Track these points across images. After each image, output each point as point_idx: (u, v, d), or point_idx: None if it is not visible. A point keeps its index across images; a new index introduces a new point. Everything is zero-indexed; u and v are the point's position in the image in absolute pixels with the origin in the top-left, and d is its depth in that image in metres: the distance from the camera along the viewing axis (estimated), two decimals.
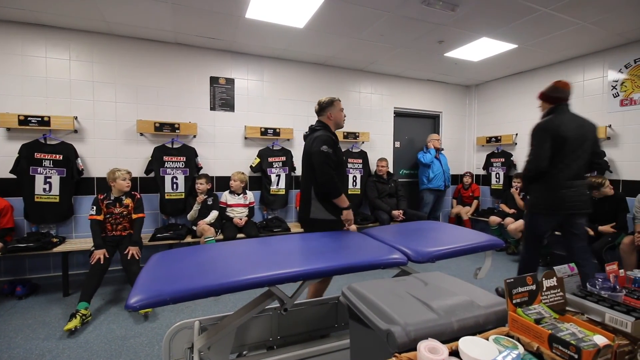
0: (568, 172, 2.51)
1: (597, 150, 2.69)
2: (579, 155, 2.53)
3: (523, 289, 0.99)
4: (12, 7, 2.99)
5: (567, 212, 2.54)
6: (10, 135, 3.31)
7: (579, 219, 2.59)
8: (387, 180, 4.68)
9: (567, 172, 2.51)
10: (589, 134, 2.58)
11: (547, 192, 2.58)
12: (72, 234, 3.56)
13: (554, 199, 2.54)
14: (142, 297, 1.15)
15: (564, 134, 2.48)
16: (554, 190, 2.54)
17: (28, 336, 2.41)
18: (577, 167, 2.53)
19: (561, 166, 2.52)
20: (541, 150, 2.54)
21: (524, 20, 3.17)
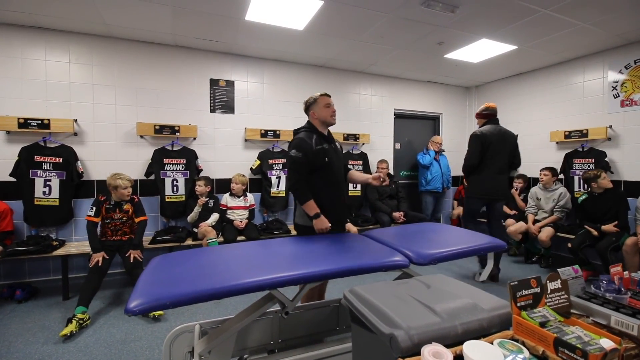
0: (492, 168, 3.42)
1: (515, 153, 3.56)
2: (501, 157, 3.43)
3: (527, 292, 0.98)
4: (11, 10, 2.99)
5: (490, 197, 3.49)
6: (10, 138, 3.30)
7: (497, 204, 3.56)
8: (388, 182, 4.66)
9: (491, 168, 3.42)
10: (508, 141, 3.49)
11: (478, 182, 3.50)
12: (72, 237, 3.55)
13: (481, 188, 3.48)
14: (141, 301, 1.14)
15: (489, 141, 3.39)
16: (482, 181, 3.47)
17: (27, 340, 2.40)
18: (499, 165, 3.44)
19: (487, 163, 3.42)
20: (473, 152, 3.45)
21: (524, 21, 3.17)
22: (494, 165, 3.41)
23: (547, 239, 3.84)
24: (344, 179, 2.37)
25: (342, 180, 2.35)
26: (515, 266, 4.15)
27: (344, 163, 2.43)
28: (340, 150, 2.43)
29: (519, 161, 3.65)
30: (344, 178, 2.37)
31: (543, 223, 3.98)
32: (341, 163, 2.34)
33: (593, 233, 3.48)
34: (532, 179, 4.69)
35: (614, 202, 3.47)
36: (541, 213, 4.15)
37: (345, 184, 2.40)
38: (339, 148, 2.39)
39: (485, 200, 3.54)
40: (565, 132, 4.25)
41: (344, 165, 2.40)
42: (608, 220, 3.46)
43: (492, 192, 3.47)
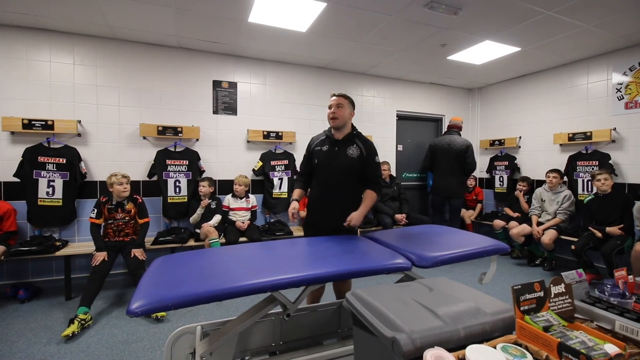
0: (441, 171, 4.39)
1: (464, 159, 4.26)
2: (446, 162, 4.31)
3: (531, 296, 0.97)
4: (16, 12, 3.02)
5: (444, 194, 4.40)
6: (14, 139, 3.33)
7: (452, 200, 4.37)
8: (389, 183, 4.66)
9: (440, 171, 4.40)
10: (453, 149, 4.29)
11: (434, 182, 4.53)
12: (75, 237, 3.56)
13: (435, 186, 4.49)
14: (143, 302, 1.14)
15: (437, 149, 4.43)
16: (435, 181, 4.49)
17: (30, 340, 2.40)
18: (446, 169, 4.33)
19: (436, 167, 4.45)
20: (425, 157, 4.66)
21: (527, 23, 3.16)
22: (441, 168, 4.37)
23: (550, 242, 3.81)
24: (338, 185, 2.19)
25: (333, 185, 2.19)
26: (518, 269, 4.13)
27: (353, 171, 2.19)
28: (352, 157, 2.17)
29: (469, 167, 4.27)
30: (339, 184, 2.19)
31: (546, 226, 3.96)
32: (338, 169, 2.18)
33: (597, 235, 3.45)
34: (536, 181, 4.67)
35: (620, 204, 3.44)
36: (544, 215, 4.13)
37: (340, 191, 2.19)
38: (351, 155, 2.17)
39: (441, 196, 4.44)
40: (569, 134, 4.22)
41: (356, 175, 2.19)
42: (613, 223, 3.43)
43: (444, 190, 4.36)
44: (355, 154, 2.17)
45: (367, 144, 2.22)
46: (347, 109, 2.20)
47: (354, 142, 2.21)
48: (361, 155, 2.18)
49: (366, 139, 2.27)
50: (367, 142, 2.24)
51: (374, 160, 2.21)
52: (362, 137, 2.26)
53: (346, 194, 2.20)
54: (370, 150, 2.21)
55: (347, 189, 2.21)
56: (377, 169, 2.23)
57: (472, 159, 4.27)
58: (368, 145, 2.22)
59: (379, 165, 2.26)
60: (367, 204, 2.17)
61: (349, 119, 2.23)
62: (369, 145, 2.23)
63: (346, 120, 2.20)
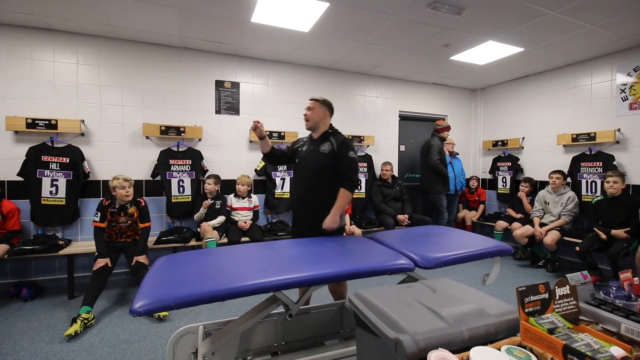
0: (422, 170, 4.86)
1: (427, 156, 4.60)
2: (423, 161, 4.73)
3: (535, 298, 0.97)
4: (21, 11, 3.03)
5: (423, 191, 4.85)
6: (18, 138, 3.34)
7: (429, 195, 4.67)
8: (392, 184, 4.66)
9: (421, 170, 4.88)
10: (425, 147, 4.70)
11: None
12: (78, 236, 3.57)
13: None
14: (146, 301, 1.14)
15: (422, 150, 4.82)
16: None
17: (33, 339, 2.41)
18: (423, 167, 4.74)
19: (421, 167, 4.90)
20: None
21: (531, 23, 3.14)
22: (422, 167, 4.82)
23: (553, 243, 3.79)
24: (313, 183, 2.22)
25: (309, 182, 2.25)
26: (520, 270, 4.11)
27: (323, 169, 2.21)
28: (324, 153, 2.21)
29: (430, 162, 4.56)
30: (313, 181, 2.23)
31: (550, 227, 3.94)
32: (312, 166, 2.24)
33: (602, 237, 3.43)
34: (539, 182, 4.65)
35: (628, 207, 3.41)
36: (548, 217, 4.11)
37: (314, 188, 2.22)
38: (323, 151, 2.21)
39: (425, 193, 4.82)
40: (573, 135, 4.20)
41: (330, 171, 2.20)
42: (619, 226, 3.41)
43: (423, 187, 4.80)
44: (327, 149, 2.21)
45: (339, 140, 2.23)
46: (317, 110, 2.28)
47: (328, 139, 2.25)
48: (332, 150, 2.20)
49: (341, 135, 2.28)
50: (341, 138, 2.25)
51: (347, 155, 2.18)
52: (337, 134, 2.28)
53: (321, 190, 2.20)
54: (342, 145, 2.20)
55: (321, 185, 2.21)
56: (349, 165, 2.18)
57: (430, 155, 4.54)
58: (340, 140, 2.22)
59: (353, 161, 2.20)
60: (339, 203, 2.15)
61: (321, 120, 2.29)
62: (341, 140, 2.22)
63: (317, 121, 2.29)
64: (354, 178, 2.21)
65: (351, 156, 2.19)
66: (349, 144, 2.22)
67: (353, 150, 2.22)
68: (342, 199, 2.16)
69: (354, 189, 2.22)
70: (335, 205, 2.15)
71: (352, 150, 2.21)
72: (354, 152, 2.21)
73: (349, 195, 2.19)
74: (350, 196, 2.20)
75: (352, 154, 2.20)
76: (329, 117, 2.33)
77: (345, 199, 2.18)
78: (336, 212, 2.14)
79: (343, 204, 2.18)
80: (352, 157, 2.20)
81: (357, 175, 2.25)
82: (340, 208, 2.17)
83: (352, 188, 2.19)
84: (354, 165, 2.21)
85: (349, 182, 2.17)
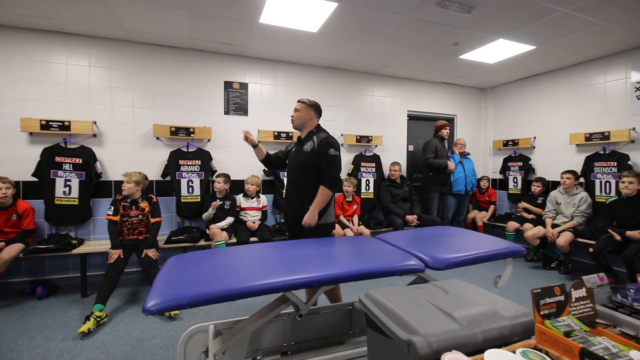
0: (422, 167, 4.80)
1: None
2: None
3: (551, 300, 0.95)
4: (34, 15, 3.10)
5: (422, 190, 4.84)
6: (32, 140, 3.41)
7: (425, 194, 4.72)
8: (400, 184, 4.63)
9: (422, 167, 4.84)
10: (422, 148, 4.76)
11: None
12: (91, 236, 3.64)
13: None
14: (159, 300, 1.16)
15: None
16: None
17: (47, 336, 2.46)
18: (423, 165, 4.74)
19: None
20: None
21: (543, 21, 3.09)
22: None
23: (566, 244, 3.72)
24: (297, 180, 2.30)
25: (293, 180, 2.33)
26: (532, 272, 4.04)
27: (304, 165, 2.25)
28: (306, 151, 2.24)
29: (422, 160, 4.63)
30: (297, 179, 2.30)
31: (562, 228, 3.87)
32: (296, 164, 2.30)
33: (616, 238, 3.35)
34: (551, 182, 4.57)
35: None
36: (560, 218, 4.04)
37: (298, 185, 2.29)
38: (305, 150, 2.25)
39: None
40: (586, 134, 4.12)
41: (312, 169, 2.22)
42: (634, 227, 3.33)
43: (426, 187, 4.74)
44: (309, 148, 2.24)
45: (320, 137, 2.23)
46: (303, 111, 2.33)
47: (311, 138, 2.28)
48: (313, 148, 2.21)
49: (324, 134, 2.28)
50: (323, 136, 2.25)
51: (327, 153, 2.17)
52: (320, 133, 2.29)
53: (303, 188, 2.24)
54: (322, 142, 2.20)
55: (304, 183, 2.25)
56: (329, 162, 2.18)
57: (422, 153, 4.64)
58: (321, 138, 2.23)
59: (333, 158, 2.19)
60: (317, 200, 2.17)
61: (307, 121, 2.33)
62: (322, 138, 2.22)
63: (303, 121, 2.34)
64: (333, 175, 2.19)
65: (331, 154, 2.18)
66: (330, 142, 2.21)
67: (334, 148, 2.20)
68: (320, 196, 2.17)
69: (335, 187, 2.21)
70: (314, 202, 2.17)
71: (333, 147, 2.20)
72: (335, 150, 2.20)
73: (328, 192, 2.18)
74: (329, 194, 2.20)
75: (333, 151, 2.19)
76: (316, 118, 2.37)
77: (323, 196, 2.18)
78: (314, 209, 2.16)
79: (321, 201, 2.18)
80: (333, 154, 2.19)
81: (337, 172, 2.23)
82: (319, 205, 2.17)
83: (331, 185, 2.18)
84: (334, 163, 2.20)
85: (327, 179, 2.18)
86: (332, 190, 2.21)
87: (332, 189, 2.20)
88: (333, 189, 2.21)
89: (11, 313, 2.83)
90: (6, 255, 2.88)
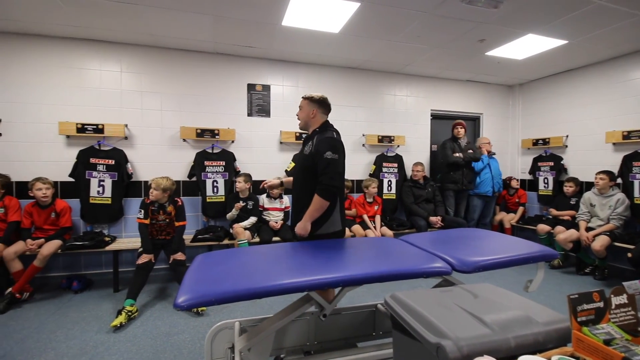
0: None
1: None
2: None
3: (589, 306, 0.91)
4: (70, 24, 3.28)
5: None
6: (69, 142, 3.61)
7: (442, 192, 4.68)
8: (423, 185, 4.55)
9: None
10: None
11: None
12: (122, 233, 3.80)
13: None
14: (189, 296, 1.19)
15: None
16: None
17: (83, 328, 2.60)
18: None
19: None
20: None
21: (576, 14, 2.95)
22: None
23: (602, 249, 3.53)
24: (297, 185, 2.15)
25: (295, 185, 2.18)
26: (565, 277, 3.86)
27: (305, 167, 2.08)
28: (308, 153, 2.06)
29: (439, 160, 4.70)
30: (298, 183, 2.15)
31: (597, 231, 3.67)
32: (298, 167, 2.17)
33: None
34: (585, 183, 4.35)
35: None
36: (595, 220, 3.83)
37: (298, 190, 2.13)
38: (305, 152, 2.09)
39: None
40: (624, 132, 3.89)
41: (313, 174, 2.00)
42: None
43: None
44: (308, 150, 2.05)
45: (319, 139, 2.00)
46: (305, 109, 2.14)
47: (312, 139, 2.07)
48: (312, 150, 2.01)
49: (325, 134, 2.04)
50: (323, 137, 2.01)
51: (323, 156, 1.91)
52: (322, 133, 2.05)
53: (302, 194, 2.06)
54: (320, 144, 1.96)
55: (303, 188, 2.06)
56: (325, 167, 1.91)
57: (440, 152, 4.71)
58: (320, 140, 1.99)
59: (330, 162, 1.92)
60: (309, 210, 1.94)
61: (310, 119, 2.13)
62: (321, 139, 1.99)
63: (306, 120, 2.15)
64: (328, 182, 1.91)
65: (328, 157, 1.91)
66: (330, 143, 1.96)
67: (332, 150, 1.93)
68: (312, 205, 1.93)
69: (329, 195, 1.93)
70: (307, 212, 1.95)
71: (332, 150, 1.92)
72: (333, 153, 1.92)
73: (321, 202, 1.92)
74: (323, 203, 1.93)
75: (330, 154, 1.91)
76: (320, 115, 2.13)
77: (315, 206, 1.93)
78: (306, 219, 1.95)
79: (313, 210, 1.94)
80: (329, 158, 1.91)
81: (334, 179, 1.93)
82: (310, 216, 1.94)
83: (324, 193, 1.91)
84: (330, 168, 1.92)
85: (321, 186, 1.92)
86: (327, 199, 1.93)
87: (326, 198, 1.92)
88: (328, 197, 1.93)
89: (50, 305, 3.01)
90: (46, 251, 3.06)
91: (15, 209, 3.20)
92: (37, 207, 3.27)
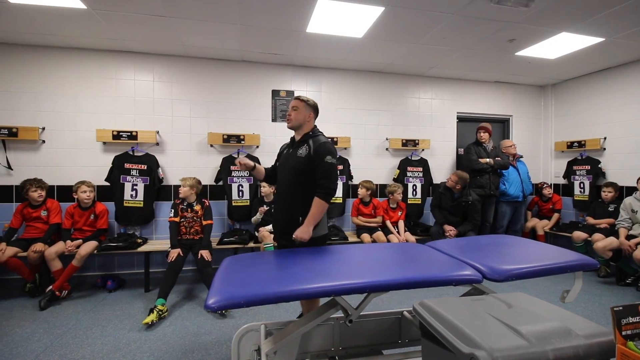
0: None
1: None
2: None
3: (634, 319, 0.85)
4: (107, 37, 3.48)
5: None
6: (105, 148, 3.82)
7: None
8: (457, 196, 4.12)
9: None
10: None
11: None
12: (153, 235, 3.96)
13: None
14: (219, 298, 1.23)
15: None
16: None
17: (117, 326, 2.72)
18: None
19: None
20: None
21: (614, 10, 2.80)
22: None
23: (605, 249, 3.31)
24: (288, 187, 2.12)
25: (284, 187, 2.15)
26: (604, 287, 3.63)
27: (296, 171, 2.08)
28: (300, 156, 2.06)
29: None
30: (288, 186, 2.12)
31: None
32: (288, 169, 2.13)
33: None
34: (625, 188, 4.09)
35: None
36: (637, 228, 3.59)
37: (289, 193, 2.11)
38: (300, 155, 2.07)
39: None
40: None
41: (306, 177, 2.05)
42: None
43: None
44: (303, 153, 2.06)
45: (317, 143, 2.05)
46: (302, 111, 2.13)
47: (307, 142, 2.09)
48: (309, 154, 2.03)
49: (321, 138, 2.09)
50: (320, 141, 2.06)
51: (323, 160, 1.98)
52: (316, 137, 2.11)
53: (295, 197, 2.07)
54: (319, 148, 2.02)
55: (296, 191, 2.08)
56: (325, 171, 1.99)
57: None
58: (318, 143, 2.04)
59: (330, 167, 1.99)
60: (312, 213, 1.98)
61: (305, 121, 2.14)
62: (319, 144, 2.04)
63: (301, 122, 2.14)
64: (328, 185, 2.00)
65: (328, 161, 1.99)
66: (328, 148, 2.03)
67: (332, 155, 2.01)
68: (315, 208, 1.99)
69: (330, 198, 2.01)
70: (308, 216, 1.99)
71: (331, 154, 2.01)
72: (332, 157, 2.01)
73: (323, 204, 2.00)
74: (324, 206, 2.01)
75: (330, 158, 2.00)
76: (314, 119, 2.19)
77: (319, 209, 2.00)
78: (309, 223, 1.98)
79: (316, 213, 1.99)
80: (329, 162, 1.99)
81: (333, 182, 2.03)
82: (314, 219, 1.99)
83: (326, 197, 2.00)
84: (330, 172, 2.01)
85: (322, 189, 1.99)
86: (327, 202, 2.02)
87: (327, 200, 2.01)
88: (328, 200, 2.02)
89: (86, 303, 3.17)
90: (83, 251, 3.24)
91: (56, 212, 3.42)
92: (78, 209, 3.47)
